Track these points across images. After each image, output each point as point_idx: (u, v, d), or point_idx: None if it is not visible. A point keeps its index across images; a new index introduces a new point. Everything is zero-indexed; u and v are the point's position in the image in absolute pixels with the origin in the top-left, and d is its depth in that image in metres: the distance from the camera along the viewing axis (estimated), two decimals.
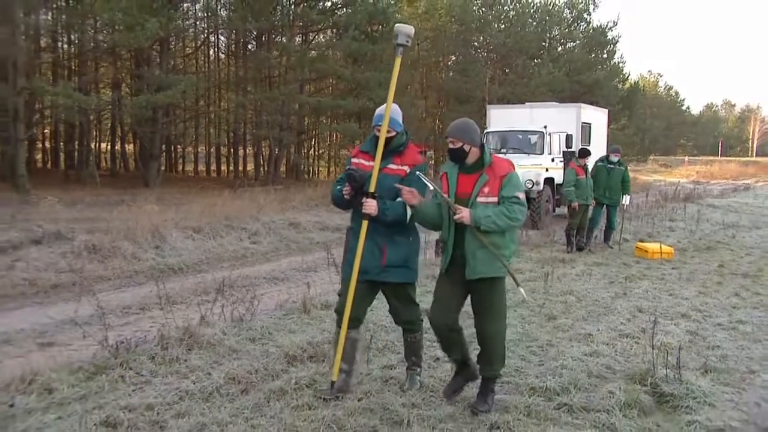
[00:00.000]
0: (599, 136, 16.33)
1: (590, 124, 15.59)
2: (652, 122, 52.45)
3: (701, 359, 4.50)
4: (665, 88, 68.45)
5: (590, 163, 9.80)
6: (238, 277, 7.26)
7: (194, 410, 3.46)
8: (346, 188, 3.63)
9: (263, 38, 24.46)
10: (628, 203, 10.20)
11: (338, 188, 3.73)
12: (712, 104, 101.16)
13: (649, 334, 4.62)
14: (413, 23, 29.77)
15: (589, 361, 4.42)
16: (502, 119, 15.02)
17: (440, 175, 3.61)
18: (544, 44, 32.89)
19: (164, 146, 26.19)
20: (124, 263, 7.98)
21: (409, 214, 3.57)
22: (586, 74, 30.51)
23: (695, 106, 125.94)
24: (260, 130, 23.91)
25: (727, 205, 17.96)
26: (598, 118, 16.62)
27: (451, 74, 32.87)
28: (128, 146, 31.09)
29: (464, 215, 3.35)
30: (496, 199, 3.40)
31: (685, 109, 71.14)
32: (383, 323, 5.05)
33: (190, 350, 4.40)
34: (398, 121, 3.65)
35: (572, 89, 28.86)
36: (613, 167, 9.87)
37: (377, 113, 3.66)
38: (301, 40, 25.21)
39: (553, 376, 4.05)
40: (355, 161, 3.73)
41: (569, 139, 13.49)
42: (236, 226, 10.49)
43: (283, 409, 3.48)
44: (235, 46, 28.50)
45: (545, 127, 13.46)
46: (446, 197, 3.46)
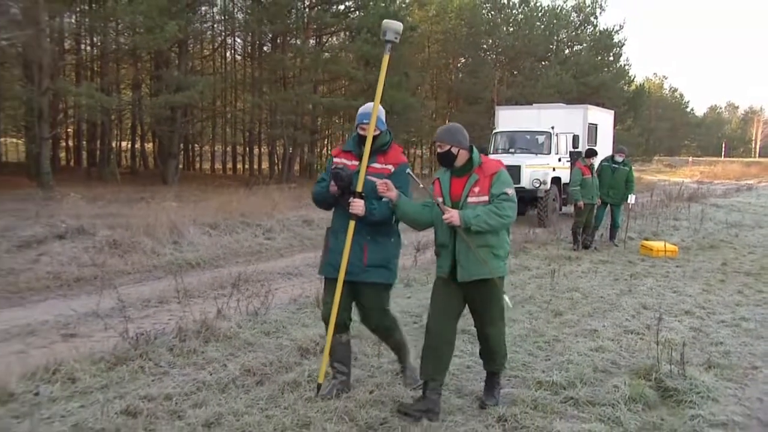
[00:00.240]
0: (605, 136, 16.35)
1: (597, 124, 15.64)
2: (657, 123, 52.07)
3: (705, 355, 4.54)
4: (670, 90, 67.61)
5: (596, 163, 9.81)
6: (253, 272, 7.33)
7: (211, 400, 3.55)
8: (332, 187, 3.50)
9: (278, 40, 24.69)
10: (633, 202, 10.20)
11: (322, 185, 3.61)
12: (715, 106, 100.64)
13: (653, 330, 4.64)
14: (424, 26, 30.02)
15: (594, 356, 4.46)
16: (510, 120, 15.13)
17: (432, 181, 3.56)
18: (551, 47, 32.95)
19: (182, 145, 26.59)
20: (143, 258, 8.12)
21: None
22: (592, 76, 30.51)
23: (699, 107, 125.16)
24: (275, 129, 24.09)
25: (730, 204, 17.83)
26: (604, 119, 16.66)
27: (460, 76, 33.00)
28: (148, 145, 31.56)
29: (453, 216, 3.27)
30: (487, 198, 3.33)
31: (689, 110, 70.31)
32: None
33: (207, 342, 4.50)
34: (382, 119, 3.58)
35: (579, 91, 28.80)
36: (617, 167, 9.89)
37: (360, 112, 3.59)
38: (315, 42, 25.31)
39: (559, 370, 4.11)
40: (337, 161, 3.61)
41: (576, 139, 13.60)
42: (251, 222, 10.63)
43: (296, 400, 3.56)
44: (251, 48, 28.69)
45: (552, 127, 13.55)
46: (437, 198, 3.41)
